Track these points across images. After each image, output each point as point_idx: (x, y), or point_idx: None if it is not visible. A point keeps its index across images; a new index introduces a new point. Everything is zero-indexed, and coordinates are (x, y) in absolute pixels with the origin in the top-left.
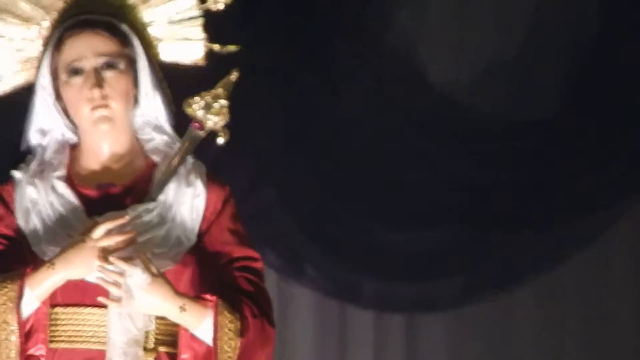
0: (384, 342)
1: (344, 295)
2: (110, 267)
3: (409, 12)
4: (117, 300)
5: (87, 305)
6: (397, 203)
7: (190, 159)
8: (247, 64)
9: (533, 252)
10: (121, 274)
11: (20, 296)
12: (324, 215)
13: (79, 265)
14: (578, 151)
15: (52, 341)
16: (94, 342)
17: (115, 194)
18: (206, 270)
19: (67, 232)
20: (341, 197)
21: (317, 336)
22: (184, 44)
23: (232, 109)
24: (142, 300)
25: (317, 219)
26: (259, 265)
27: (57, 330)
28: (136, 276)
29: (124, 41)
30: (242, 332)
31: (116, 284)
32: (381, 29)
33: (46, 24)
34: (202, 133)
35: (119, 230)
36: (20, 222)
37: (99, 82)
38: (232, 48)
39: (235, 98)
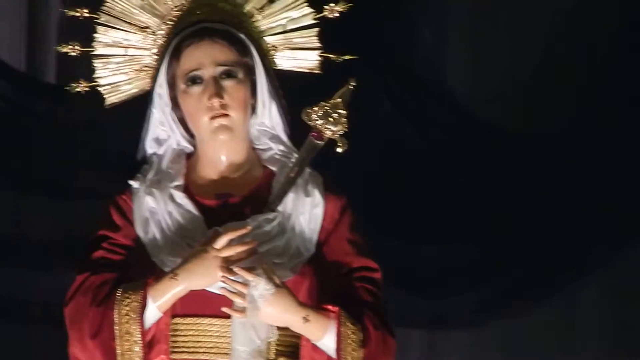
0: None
1: None
2: (233, 277)
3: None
4: (241, 310)
5: (207, 316)
6: (415, 220)
7: (307, 169)
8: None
9: (552, 269)
10: (245, 284)
11: (143, 307)
12: None
13: (202, 276)
14: (598, 166)
15: (173, 352)
16: (215, 353)
17: (233, 203)
18: (324, 281)
19: (187, 242)
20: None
21: None
22: (300, 52)
23: None
24: (266, 310)
25: None
26: (377, 275)
27: (178, 341)
28: (260, 287)
29: (242, 50)
30: (364, 343)
31: (240, 295)
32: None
33: (162, 32)
34: (320, 143)
35: (241, 240)
36: (139, 232)
37: (219, 92)
38: (348, 57)
39: None
